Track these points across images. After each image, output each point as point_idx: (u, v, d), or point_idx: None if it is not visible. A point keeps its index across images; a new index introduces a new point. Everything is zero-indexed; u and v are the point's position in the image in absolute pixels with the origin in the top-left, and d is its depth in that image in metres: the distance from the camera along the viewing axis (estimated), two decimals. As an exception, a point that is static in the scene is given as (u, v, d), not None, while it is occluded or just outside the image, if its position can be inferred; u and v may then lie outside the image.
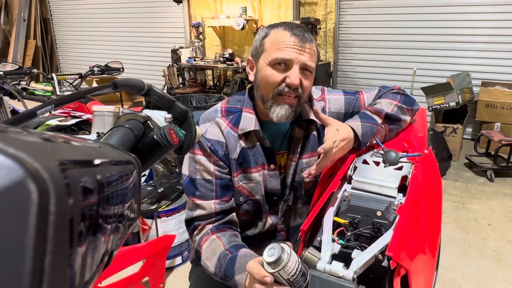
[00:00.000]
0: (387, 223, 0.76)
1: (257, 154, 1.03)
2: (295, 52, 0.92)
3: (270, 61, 0.93)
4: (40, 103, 0.43)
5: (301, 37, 0.92)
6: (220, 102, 1.09)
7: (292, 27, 0.94)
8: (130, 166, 0.35)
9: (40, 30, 7.88)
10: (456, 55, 4.50)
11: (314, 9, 5.27)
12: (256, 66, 1.00)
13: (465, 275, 2.15)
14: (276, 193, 1.07)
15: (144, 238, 2.18)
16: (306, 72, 0.95)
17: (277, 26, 0.96)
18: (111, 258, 0.31)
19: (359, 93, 1.13)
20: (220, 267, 0.90)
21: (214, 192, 1.01)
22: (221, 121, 1.03)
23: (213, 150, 1.00)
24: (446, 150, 3.61)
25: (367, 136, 0.97)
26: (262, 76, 0.96)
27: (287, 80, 0.92)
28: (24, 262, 0.18)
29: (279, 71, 0.93)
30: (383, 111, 1.01)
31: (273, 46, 0.93)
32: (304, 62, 0.93)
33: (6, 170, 0.18)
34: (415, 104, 1.09)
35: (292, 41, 0.92)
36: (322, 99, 1.11)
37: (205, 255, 0.95)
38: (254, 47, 1.00)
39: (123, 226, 0.33)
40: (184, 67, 5.84)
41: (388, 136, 1.05)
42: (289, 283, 0.67)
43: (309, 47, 0.94)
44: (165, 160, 2.68)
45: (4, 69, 2.56)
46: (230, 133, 1.02)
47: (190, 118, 0.62)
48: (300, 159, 1.06)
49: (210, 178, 1.01)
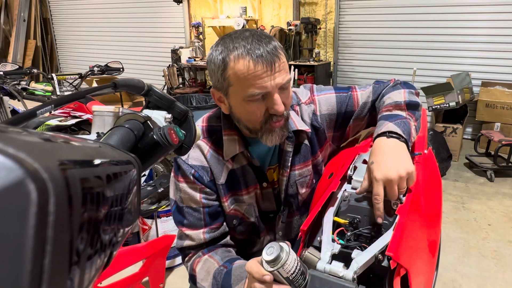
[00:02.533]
0: (387, 223, 0.76)
1: (247, 175, 0.97)
2: (269, 81, 0.80)
3: (245, 97, 0.82)
4: (40, 103, 0.43)
5: (266, 59, 0.79)
6: (201, 119, 1.00)
7: (250, 48, 0.79)
8: (130, 166, 0.35)
9: (40, 30, 7.88)
10: (456, 55, 4.50)
11: (314, 9, 5.27)
12: (227, 100, 0.88)
13: (465, 275, 2.15)
14: (271, 211, 1.04)
15: (144, 238, 2.18)
16: (284, 90, 0.85)
17: (232, 50, 0.80)
18: (111, 258, 0.31)
19: (352, 90, 1.03)
20: (217, 284, 0.87)
21: (203, 221, 0.95)
22: (203, 144, 0.95)
23: (197, 177, 0.93)
24: (446, 150, 3.61)
25: (408, 133, 0.85)
26: (242, 113, 0.87)
27: (272, 111, 0.84)
28: (23, 262, 0.18)
29: (258, 103, 0.83)
30: (400, 101, 0.92)
31: (241, 82, 0.81)
32: (280, 84, 0.82)
33: (6, 170, 0.18)
34: (415, 88, 1.02)
35: (260, 70, 0.78)
36: (311, 101, 1.01)
37: (200, 276, 0.92)
38: (215, 79, 0.86)
39: (123, 226, 0.33)
40: (184, 67, 5.84)
41: (418, 126, 0.94)
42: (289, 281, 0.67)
43: (278, 63, 0.81)
44: (165, 160, 2.68)
45: (4, 69, 2.56)
46: (214, 156, 0.94)
47: (190, 118, 0.62)
48: (292, 171, 0.99)
49: (196, 207, 0.95)
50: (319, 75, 4.88)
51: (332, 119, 1.02)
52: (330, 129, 1.03)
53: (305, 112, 1.00)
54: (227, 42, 0.82)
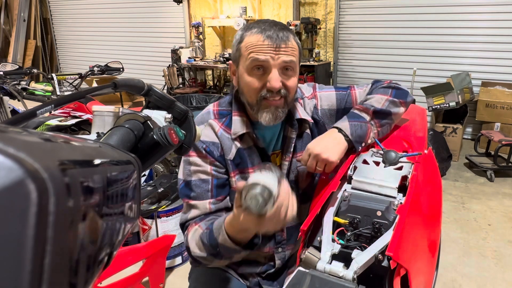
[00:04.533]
0: (387, 223, 0.76)
1: (253, 155, 1.02)
2: (270, 55, 0.89)
3: (247, 67, 0.92)
4: (40, 103, 0.43)
5: (275, 38, 0.89)
6: (212, 104, 1.08)
7: (265, 28, 0.91)
8: (130, 166, 0.35)
9: (40, 30, 7.88)
10: (456, 55, 4.50)
11: (314, 9, 5.27)
12: (237, 71, 0.99)
13: (465, 275, 2.15)
14: None
15: (144, 238, 2.18)
16: (288, 71, 0.93)
17: (251, 28, 0.94)
18: (111, 258, 0.31)
19: (351, 88, 1.12)
20: (205, 246, 0.90)
21: (210, 192, 0.99)
22: (214, 123, 1.02)
23: (209, 152, 0.99)
24: (446, 150, 3.61)
25: (358, 135, 0.97)
26: (244, 83, 0.95)
27: (268, 85, 0.91)
28: (23, 262, 0.18)
29: (258, 77, 0.92)
30: (372, 107, 1.01)
31: (247, 51, 0.92)
32: (283, 60, 0.90)
33: (6, 170, 0.18)
34: (408, 96, 1.07)
35: (267, 44, 0.89)
36: (313, 96, 1.11)
37: (192, 244, 0.94)
38: (233, 52, 0.99)
39: (123, 226, 0.33)
40: (184, 67, 5.84)
41: (382, 131, 1.04)
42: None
43: (285, 46, 0.90)
44: (165, 160, 2.68)
45: (4, 69, 2.56)
46: (224, 135, 1.01)
47: (190, 118, 0.62)
48: (294, 157, 1.06)
49: (206, 178, 1.00)
50: (319, 75, 4.88)
51: (332, 114, 1.10)
52: (330, 124, 1.09)
53: (307, 105, 1.09)
54: (250, 24, 0.96)
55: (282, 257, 1.09)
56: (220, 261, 0.92)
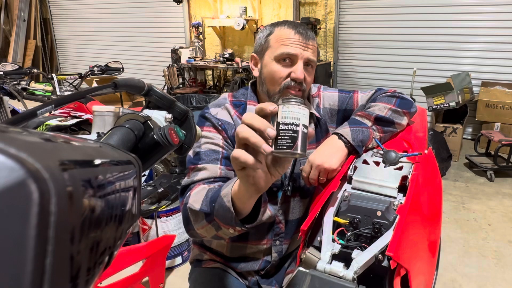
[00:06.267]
0: (387, 223, 0.76)
1: None
2: (299, 48, 0.97)
3: (276, 56, 0.98)
4: (40, 103, 0.43)
5: (305, 35, 0.98)
6: (227, 94, 1.13)
7: (295, 25, 1.00)
8: (131, 166, 0.35)
9: (40, 30, 7.88)
10: (456, 55, 4.50)
11: (314, 9, 5.27)
12: (260, 62, 1.04)
13: (465, 275, 2.16)
14: (275, 184, 1.06)
15: (144, 238, 2.18)
16: (309, 68, 1.01)
17: (281, 24, 1.01)
18: (112, 258, 0.31)
19: (354, 92, 1.15)
20: (206, 200, 0.80)
21: (219, 161, 0.98)
22: (230, 107, 1.07)
23: (223, 128, 1.03)
24: (446, 150, 3.61)
25: (360, 140, 0.97)
26: (268, 71, 1.00)
27: (293, 75, 0.97)
28: (25, 263, 0.18)
29: (284, 67, 0.98)
30: (374, 113, 1.02)
31: (278, 42, 0.98)
32: (308, 57, 0.98)
33: (7, 170, 0.18)
34: (412, 106, 1.07)
35: (297, 38, 0.97)
36: (317, 95, 1.15)
37: (192, 198, 0.85)
38: (258, 44, 1.04)
39: (123, 226, 0.33)
40: (184, 67, 5.84)
41: (384, 138, 1.04)
42: (277, 130, 0.57)
43: (312, 43, 1.00)
44: (165, 160, 2.68)
45: (4, 69, 2.56)
46: (238, 120, 1.05)
47: (190, 118, 0.62)
48: None
49: (216, 149, 0.99)
50: (319, 75, 4.88)
51: (333, 114, 1.14)
52: (331, 123, 1.14)
53: (312, 103, 1.14)
54: (277, 22, 1.03)
55: (279, 250, 1.10)
56: (207, 225, 0.80)
